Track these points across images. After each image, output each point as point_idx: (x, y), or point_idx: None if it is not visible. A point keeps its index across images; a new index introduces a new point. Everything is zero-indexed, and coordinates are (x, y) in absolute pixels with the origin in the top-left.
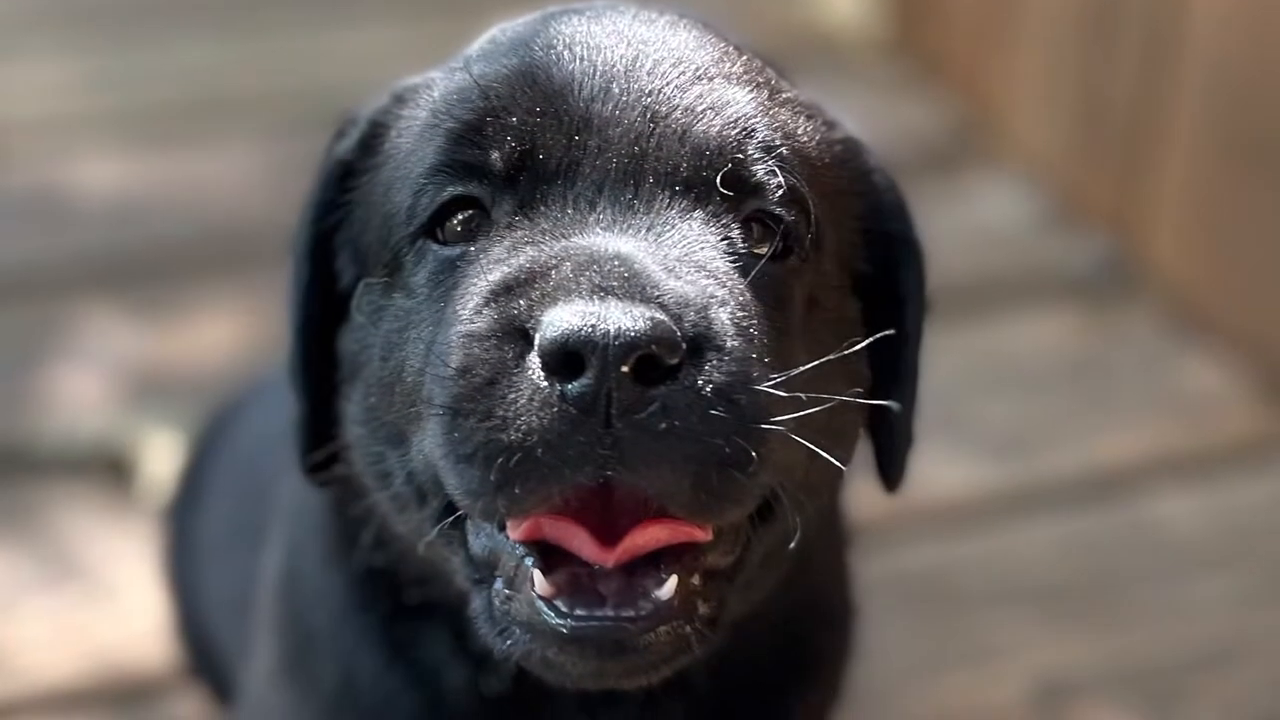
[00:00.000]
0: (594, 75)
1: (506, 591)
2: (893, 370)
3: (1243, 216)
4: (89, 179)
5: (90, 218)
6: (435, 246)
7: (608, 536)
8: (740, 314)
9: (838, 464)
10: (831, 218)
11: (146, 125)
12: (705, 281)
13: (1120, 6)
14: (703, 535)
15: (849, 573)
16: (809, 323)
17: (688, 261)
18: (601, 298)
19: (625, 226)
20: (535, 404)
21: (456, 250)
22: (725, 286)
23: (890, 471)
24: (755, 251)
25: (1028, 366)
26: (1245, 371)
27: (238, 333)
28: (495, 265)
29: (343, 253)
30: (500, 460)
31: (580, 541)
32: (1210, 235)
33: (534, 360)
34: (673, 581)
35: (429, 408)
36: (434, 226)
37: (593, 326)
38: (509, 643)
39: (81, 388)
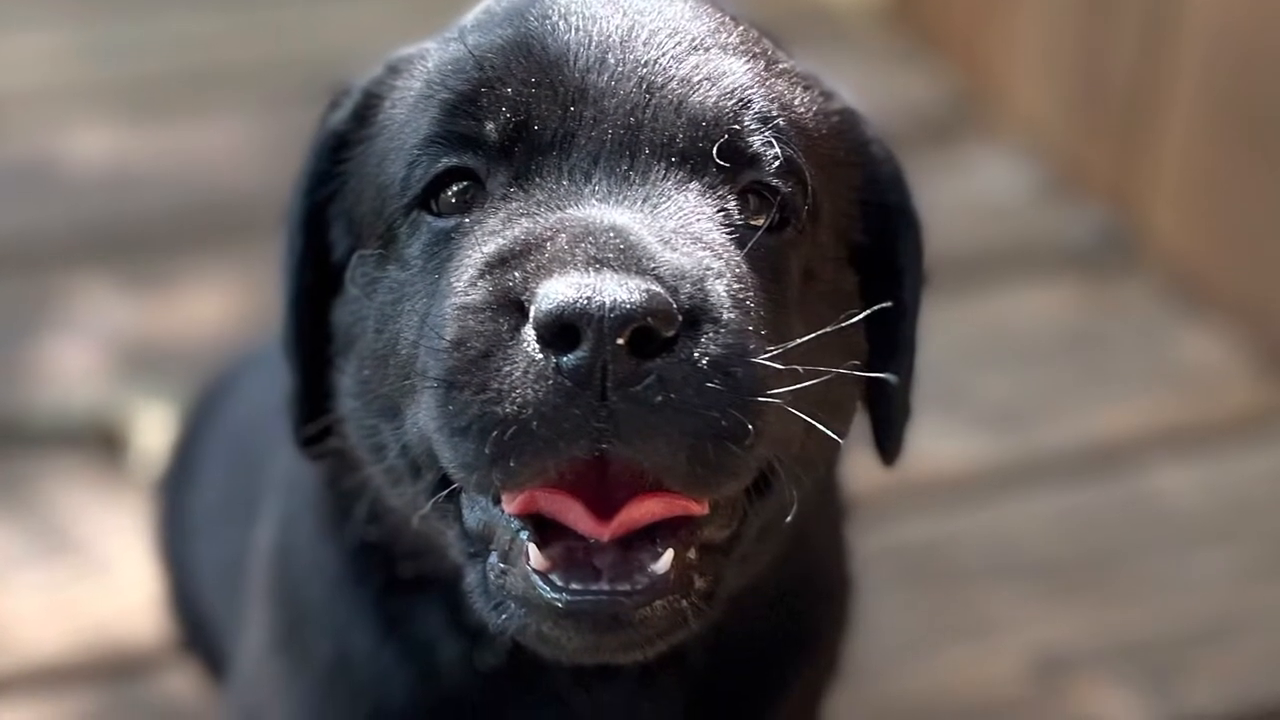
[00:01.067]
0: (589, 45)
1: (501, 565)
2: (890, 343)
3: (1242, 188)
4: (82, 150)
5: (84, 189)
6: (429, 218)
7: (603, 510)
8: (736, 286)
9: (835, 437)
10: (829, 189)
11: (141, 96)
12: (701, 253)
13: None
14: (699, 509)
15: (846, 546)
16: (806, 295)
17: (684, 233)
18: (597, 270)
19: (621, 198)
20: (530, 377)
21: (451, 222)
22: (721, 258)
23: (887, 444)
24: (752, 223)
25: (1026, 339)
26: (1244, 344)
27: (231, 305)
28: (490, 237)
29: (337, 224)
30: (495, 433)
31: (575, 515)
32: (1210, 207)
33: (529, 333)
34: (669, 555)
35: (423, 380)
36: (428, 198)
37: (588, 299)
38: (504, 617)
39: (74, 360)
